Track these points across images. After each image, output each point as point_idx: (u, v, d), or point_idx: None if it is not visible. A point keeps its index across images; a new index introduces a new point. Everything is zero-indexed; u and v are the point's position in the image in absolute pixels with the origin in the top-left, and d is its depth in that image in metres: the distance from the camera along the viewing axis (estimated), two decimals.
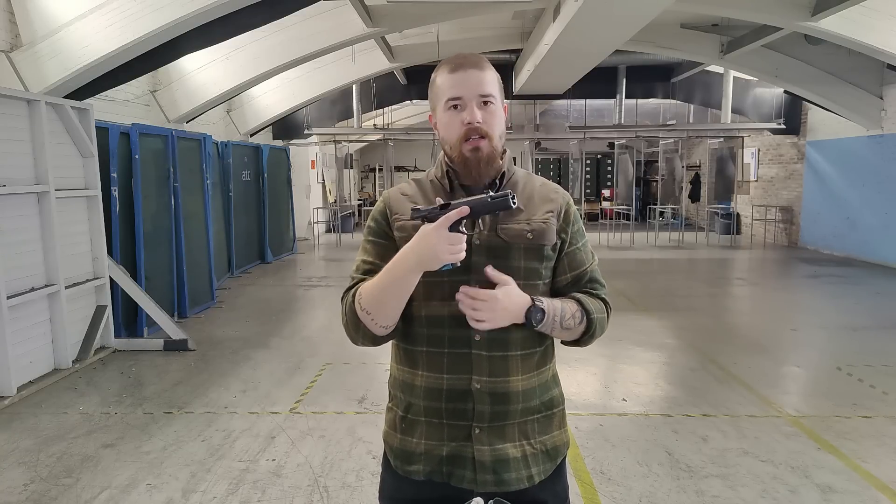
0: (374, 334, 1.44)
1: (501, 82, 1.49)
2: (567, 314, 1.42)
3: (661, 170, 17.45)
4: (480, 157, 1.42)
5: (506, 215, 1.44)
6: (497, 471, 1.43)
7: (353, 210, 17.49)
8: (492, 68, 1.47)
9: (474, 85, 1.41)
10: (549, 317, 1.38)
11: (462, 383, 1.43)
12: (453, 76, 1.42)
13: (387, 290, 1.37)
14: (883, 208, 10.87)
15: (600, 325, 1.49)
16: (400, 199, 1.51)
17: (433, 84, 1.48)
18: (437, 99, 1.46)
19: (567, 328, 1.43)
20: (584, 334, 1.47)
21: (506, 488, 1.44)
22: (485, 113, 1.41)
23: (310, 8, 6.91)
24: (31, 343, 4.93)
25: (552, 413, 1.52)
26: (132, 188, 6.30)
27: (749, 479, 3.36)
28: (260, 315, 7.34)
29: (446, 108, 1.43)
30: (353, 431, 3.99)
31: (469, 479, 1.43)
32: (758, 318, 7.40)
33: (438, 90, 1.46)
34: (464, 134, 1.41)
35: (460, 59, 1.44)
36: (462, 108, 1.41)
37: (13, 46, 5.78)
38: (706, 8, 8.58)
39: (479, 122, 1.40)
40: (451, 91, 1.42)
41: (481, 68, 1.43)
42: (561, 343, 1.53)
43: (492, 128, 1.42)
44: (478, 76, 1.42)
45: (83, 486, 3.32)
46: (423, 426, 1.47)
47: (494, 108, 1.43)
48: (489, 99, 1.42)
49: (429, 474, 1.46)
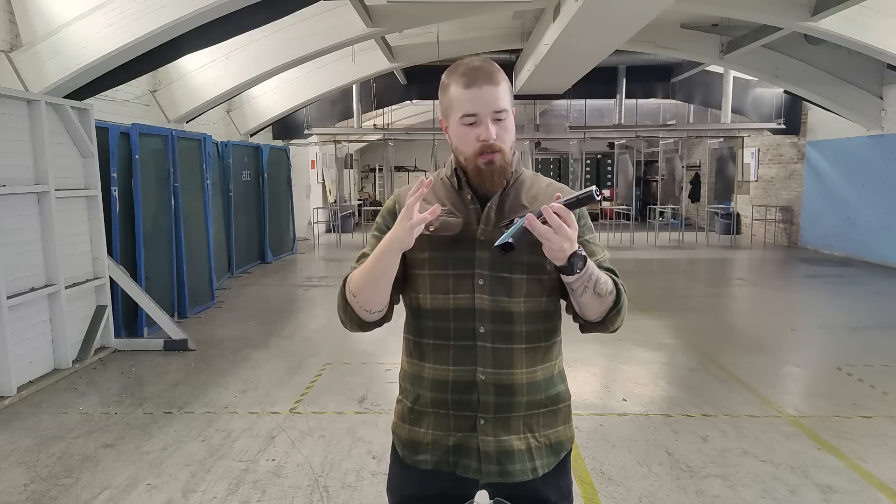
0: (360, 318, 1.49)
1: (511, 88, 1.50)
2: (601, 279, 1.40)
3: (661, 170, 17.46)
4: (494, 169, 1.45)
5: (510, 212, 1.47)
6: (501, 461, 1.46)
7: (353, 210, 17.49)
8: (504, 78, 1.47)
9: (490, 101, 1.42)
10: (587, 270, 1.35)
11: (467, 375, 1.46)
12: (469, 92, 1.43)
13: (370, 271, 1.42)
14: (883, 208, 10.88)
15: (626, 302, 1.48)
16: None
17: (445, 91, 1.48)
18: (451, 110, 1.47)
19: (599, 294, 1.40)
20: (612, 309, 1.44)
21: (510, 479, 1.47)
22: (499, 129, 1.43)
23: (310, 8, 6.90)
24: (31, 343, 4.93)
25: (558, 408, 1.54)
26: (132, 188, 6.30)
27: (749, 479, 3.36)
28: (260, 315, 7.34)
29: (461, 122, 1.44)
30: (353, 431, 3.99)
31: (474, 469, 1.47)
32: (758, 318, 7.40)
33: (452, 102, 1.46)
34: (479, 150, 1.43)
35: (475, 73, 1.44)
36: (477, 124, 1.43)
37: (13, 46, 5.78)
38: (706, 8, 8.58)
39: (494, 139, 1.42)
40: (467, 107, 1.43)
41: (496, 82, 1.44)
42: (581, 331, 1.51)
43: (505, 142, 1.45)
44: (493, 92, 1.43)
45: (83, 486, 3.32)
46: (430, 417, 1.51)
47: (507, 122, 1.45)
48: (503, 114, 1.44)
49: (436, 464, 1.50)
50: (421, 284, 1.49)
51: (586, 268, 1.35)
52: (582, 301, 1.42)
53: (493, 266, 1.44)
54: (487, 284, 1.44)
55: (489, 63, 1.47)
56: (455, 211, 1.49)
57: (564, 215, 1.28)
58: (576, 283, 1.37)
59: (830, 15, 7.72)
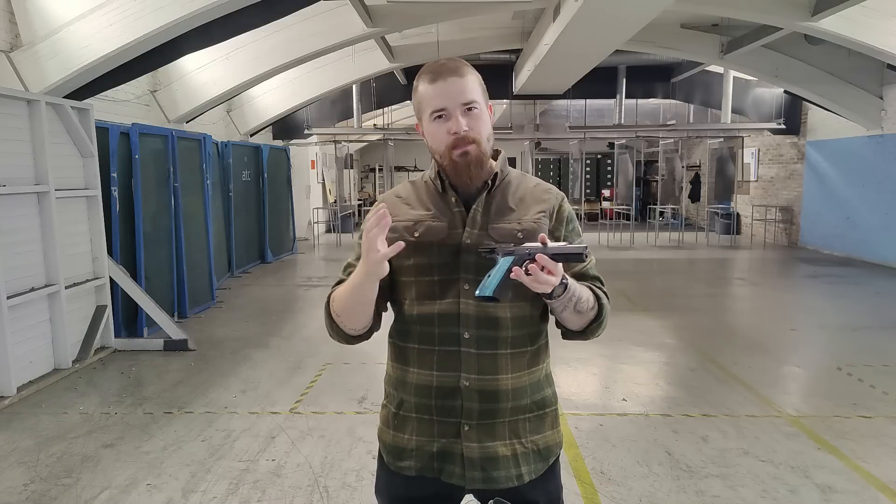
0: (346, 334, 1.49)
1: (483, 84, 1.49)
2: (583, 298, 1.40)
3: (661, 170, 17.44)
4: (470, 160, 1.43)
5: (497, 215, 1.46)
6: (485, 468, 1.44)
7: (352, 210, 17.48)
8: (472, 71, 1.46)
9: (456, 93, 1.41)
10: (568, 293, 1.35)
11: (451, 380, 1.44)
12: (434, 87, 1.42)
13: (349, 297, 1.42)
14: (883, 208, 10.87)
15: (608, 315, 1.49)
16: (395, 201, 1.54)
17: (416, 93, 1.48)
18: (422, 110, 1.46)
19: (579, 311, 1.41)
20: (593, 322, 1.45)
21: (494, 486, 1.45)
22: (469, 119, 1.42)
23: (310, 8, 6.90)
24: (31, 343, 4.93)
25: (544, 413, 1.52)
26: (132, 188, 6.30)
27: (749, 479, 3.36)
28: (260, 315, 7.34)
29: (431, 119, 1.44)
30: (353, 431, 3.99)
31: (458, 475, 1.45)
32: (758, 318, 7.40)
33: (422, 100, 1.46)
34: (451, 143, 1.42)
35: (439, 68, 1.44)
36: (447, 117, 1.42)
37: (13, 46, 5.78)
38: (706, 8, 8.58)
39: (465, 129, 1.41)
40: (434, 102, 1.42)
41: (461, 74, 1.43)
42: (563, 337, 1.52)
43: (479, 133, 1.43)
44: (459, 84, 1.42)
45: (83, 486, 3.32)
46: (414, 422, 1.49)
47: (479, 112, 1.44)
48: (472, 105, 1.42)
49: (420, 470, 1.48)
50: (407, 290, 1.48)
51: (566, 292, 1.34)
52: (562, 316, 1.43)
53: (478, 270, 1.39)
54: (473, 289, 1.40)
55: (456, 60, 1.47)
56: (440, 215, 1.47)
57: (551, 268, 1.27)
58: (555, 303, 1.38)
59: (830, 15, 7.71)
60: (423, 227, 1.46)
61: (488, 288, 1.28)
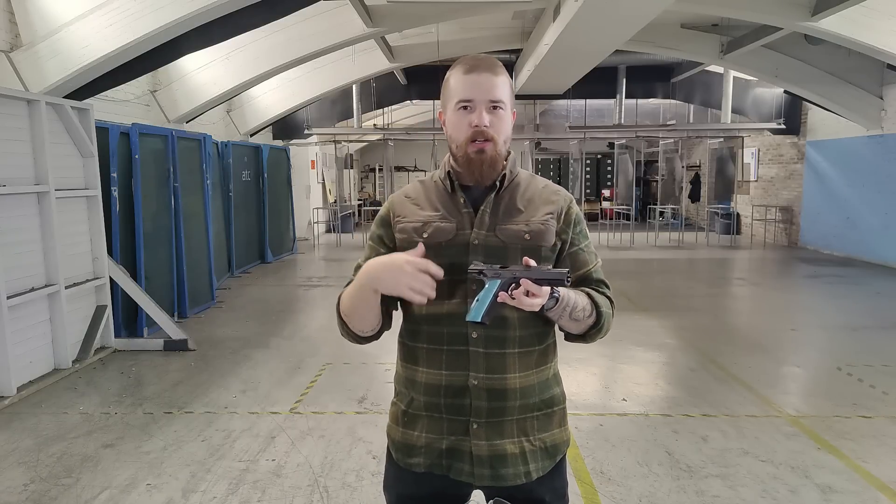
0: (357, 335, 1.52)
1: (513, 89, 1.52)
2: (578, 306, 1.42)
3: (661, 170, 17.45)
4: (484, 159, 1.45)
5: (505, 216, 1.48)
6: (494, 466, 1.46)
7: (353, 210, 17.48)
8: (505, 73, 1.49)
9: (486, 89, 1.43)
10: (560, 305, 1.38)
11: (459, 379, 1.46)
12: (467, 78, 1.45)
13: (355, 302, 1.46)
14: (883, 208, 10.87)
15: (608, 321, 1.50)
16: (403, 201, 1.56)
17: (446, 83, 1.50)
18: (449, 98, 1.49)
19: (575, 319, 1.43)
20: (592, 328, 1.48)
21: (502, 483, 1.47)
22: (493, 117, 1.44)
23: (310, 8, 6.90)
24: (31, 343, 4.93)
25: (552, 411, 1.54)
26: (132, 188, 6.30)
27: (749, 479, 3.36)
28: (260, 315, 7.34)
29: (456, 109, 1.46)
30: (354, 431, 3.99)
31: (467, 472, 1.48)
32: (758, 318, 7.40)
33: (451, 89, 1.48)
34: (470, 136, 1.44)
35: (476, 62, 1.46)
36: (472, 110, 1.44)
37: (13, 46, 5.78)
38: (706, 8, 8.58)
39: (486, 125, 1.43)
40: (463, 93, 1.45)
41: (495, 73, 1.45)
42: (564, 339, 1.54)
43: (498, 132, 1.45)
44: (490, 80, 1.44)
45: (83, 486, 3.32)
46: (423, 420, 1.51)
47: (503, 113, 1.46)
48: (499, 104, 1.44)
49: (429, 467, 1.50)
50: None
51: (559, 303, 1.37)
52: (560, 323, 1.46)
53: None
54: (479, 290, 1.42)
55: (493, 59, 1.49)
56: (448, 216, 1.49)
57: (535, 291, 1.30)
58: (550, 313, 1.40)
59: (830, 15, 7.71)
60: (432, 228, 1.47)
61: (478, 314, 1.33)
